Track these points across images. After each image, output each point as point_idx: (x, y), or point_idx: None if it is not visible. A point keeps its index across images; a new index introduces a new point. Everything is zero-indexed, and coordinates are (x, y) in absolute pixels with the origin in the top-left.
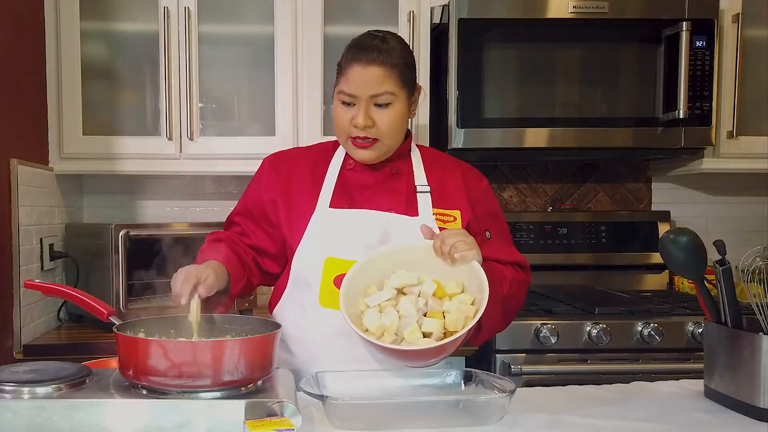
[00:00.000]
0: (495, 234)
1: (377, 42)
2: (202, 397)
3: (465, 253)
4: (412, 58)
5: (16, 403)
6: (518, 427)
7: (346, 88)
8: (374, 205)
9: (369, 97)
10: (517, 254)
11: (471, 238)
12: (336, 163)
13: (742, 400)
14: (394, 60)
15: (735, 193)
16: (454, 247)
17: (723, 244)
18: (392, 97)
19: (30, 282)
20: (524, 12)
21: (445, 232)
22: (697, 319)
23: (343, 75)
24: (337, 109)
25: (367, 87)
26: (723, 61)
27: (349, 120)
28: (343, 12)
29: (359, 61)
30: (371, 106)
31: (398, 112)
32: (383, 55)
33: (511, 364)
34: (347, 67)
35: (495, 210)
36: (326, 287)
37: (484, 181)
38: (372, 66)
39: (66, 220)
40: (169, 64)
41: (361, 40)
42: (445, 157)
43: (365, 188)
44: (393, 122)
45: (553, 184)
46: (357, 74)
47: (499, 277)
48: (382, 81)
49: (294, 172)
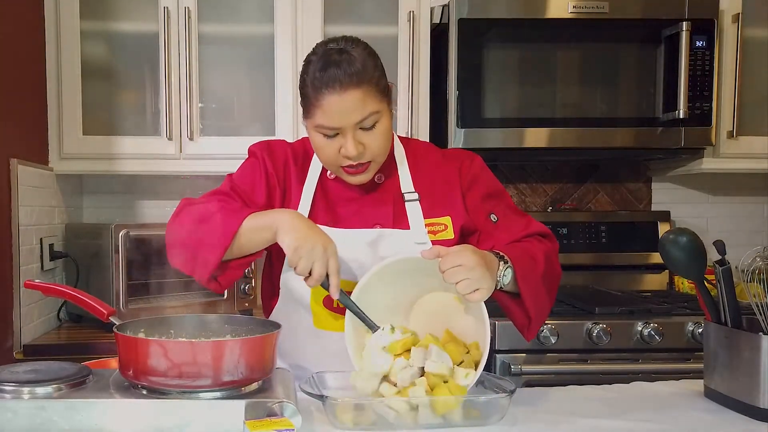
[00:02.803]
0: (502, 213)
1: (343, 60)
2: (202, 397)
3: (469, 296)
4: (378, 59)
5: (16, 403)
6: (518, 427)
7: (326, 121)
8: (360, 220)
9: (354, 125)
10: (533, 224)
11: (478, 272)
12: (315, 171)
13: (742, 400)
14: (369, 74)
15: (735, 193)
16: (459, 285)
17: (723, 244)
18: (377, 116)
19: (30, 282)
20: (524, 12)
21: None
22: (697, 319)
23: (316, 107)
24: (318, 140)
25: (349, 116)
26: (723, 61)
27: (336, 151)
28: (343, 12)
29: (332, 89)
30: (357, 131)
31: (385, 126)
32: (356, 74)
33: (511, 364)
34: (320, 98)
35: (494, 188)
36: (318, 308)
37: (475, 162)
38: (348, 91)
39: (66, 220)
40: (169, 64)
41: (323, 60)
42: (430, 150)
43: (349, 202)
44: (383, 140)
45: (553, 184)
46: (334, 105)
47: (530, 256)
48: (363, 103)
49: (287, 171)
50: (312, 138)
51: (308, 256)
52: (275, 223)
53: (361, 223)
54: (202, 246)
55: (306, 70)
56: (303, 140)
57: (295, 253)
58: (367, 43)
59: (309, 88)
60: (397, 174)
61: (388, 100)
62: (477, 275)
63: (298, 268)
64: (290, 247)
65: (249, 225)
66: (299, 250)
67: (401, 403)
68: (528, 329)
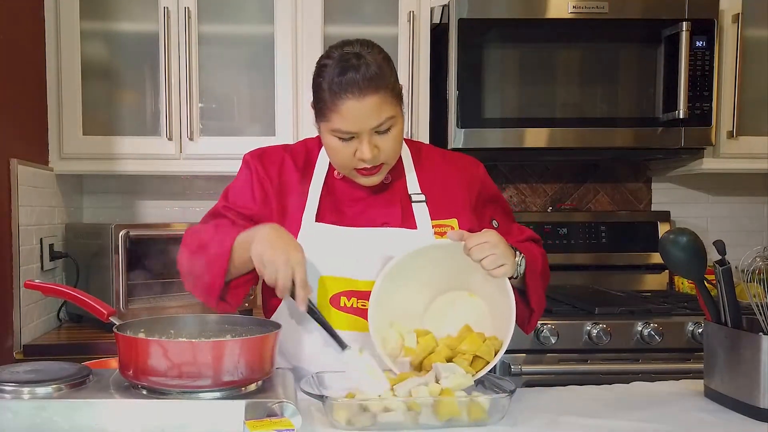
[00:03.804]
0: (500, 218)
1: (361, 64)
2: (202, 397)
3: (494, 272)
4: (392, 63)
5: (16, 403)
6: (518, 427)
7: (343, 126)
8: (368, 220)
9: (371, 129)
10: (526, 230)
11: (502, 248)
12: (321, 170)
13: (742, 400)
14: (386, 79)
15: (735, 193)
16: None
17: (723, 244)
18: (393, 120)
19: (30, 282)
20: (524, 12)
21: (475, 240)
22: (697, 319)
23: (333, 111)
24: (333, 143)
25: (367, 121)
26: (723, 61)
27: (352, 154)
28: (343, 12)
29: (351, 94)
30: (373, 135)
31: (399, 130)
32: (374, 79)
33: (511, 364)
34: (338, 103)
35: (495, 194)
36: (325, 307)
37: (480, 169)
38: (367, 97)
39: (66, 220)
40: (169, 64)
41: (341, 65)
42: (437, 154)
43: (356, 201)
44: (397, 143)
45: (553, 184)
46: (353, 110)
47: (531, 254)
48: (381, 109)
49: (283, 176)
50: (326, 141)
51: (270, 266)
52: (253, 237)
53: (369, 223)
54: (204, 274)
55: (321, 74)
56: (304, 141)
57: (260, 263)
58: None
59: (326, 92)
60: (405, 176)
61: (401, 103)
62: (501, 251)
63: (265, 278)
64: (255, 257)
65: (237, 244)
66: (263, 259)
67: (401, 403)
68: (529, 322)
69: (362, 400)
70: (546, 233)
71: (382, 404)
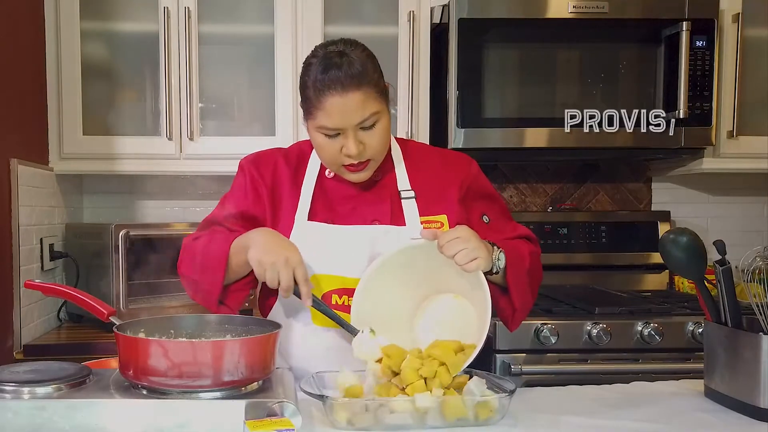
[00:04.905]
0: (494, 215)
1: (344, 62)
2: (202, 397)
3: (467, 266)
4: (376, 61)
5: (16, 403)
6: (518, 427)
7: (328, 122)
8: (358, 218)
9: (355, 125)
10: (520, 228)
11: (474, 243)
12: (313, 170)
13: (742, 400)
14: (369, 76)
15: (735, 193)
16: (457, 256)
17: (723, 244)
18: (377, 116)
19: (30, 282)
20: (524, 12)
21: (447, 237)
22: (697, 319)
23: (318, 108)
24: (319, 140)
25: (351, 116)
26: (723, 61)
27: (338, 150)
28: (343, 12)
29: (335, 90)
30: (358, 131)
31: (385, 126)
32: (356, 76)
33: (511, 364)
34: (322, 100)
35: (489, 191)
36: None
37: (473, 166)
38: (350, 93)
39: (66, 220)
40: (169, 64)
41: (324, 63)
42: (427, 151)
43: (347, 199)
44: (383, 139)
45: (553, 184)
46: (336, 106)
47: (518, 252)
48: (364, 105)
49: (277, 177)
50: (313, 138)
51: (272, 267)
52: (247, 243)
53: (360, 220)
54: (203, 281)
55: (306, 73)
56: (299, 143)
57: (260, 267)
58: (366, 44)
59: (310, 90)
60: (394, 172)
61: (387, 100)
62: (473, 246)
63: (266, 280)
64: (254, 261)
65: (233, 250)
66: (262, 263)
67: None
68: (512, 320)
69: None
70: (546, 233)
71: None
